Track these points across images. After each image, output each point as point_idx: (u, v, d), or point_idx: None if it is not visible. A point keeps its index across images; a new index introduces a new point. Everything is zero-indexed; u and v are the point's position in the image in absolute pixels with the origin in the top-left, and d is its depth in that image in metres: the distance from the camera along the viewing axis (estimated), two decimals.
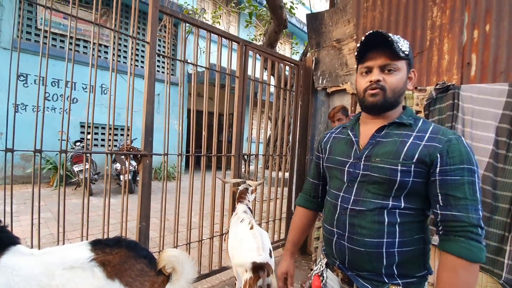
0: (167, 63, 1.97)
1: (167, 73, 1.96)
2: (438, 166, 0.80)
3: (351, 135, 0.97)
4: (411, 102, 2.41)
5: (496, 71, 2.07)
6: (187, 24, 2.15)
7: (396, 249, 0.83)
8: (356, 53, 0.93)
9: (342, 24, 2.92)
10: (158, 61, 7.71)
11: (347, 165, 0.93)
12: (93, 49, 6.85)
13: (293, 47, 8.24)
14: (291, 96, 3.16)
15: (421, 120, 0.91)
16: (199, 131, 2.20)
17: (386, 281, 0.85)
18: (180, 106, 2.05)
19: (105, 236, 1.71)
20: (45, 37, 6.27)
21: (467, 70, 2.20)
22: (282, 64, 2.91)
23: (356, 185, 0.90)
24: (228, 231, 2.02)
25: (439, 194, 0.80)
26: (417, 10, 2.44)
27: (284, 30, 4.78)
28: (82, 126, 6.86)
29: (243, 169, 2.60)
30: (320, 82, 3.05)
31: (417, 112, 2.30)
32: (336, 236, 0.92)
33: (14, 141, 1.35)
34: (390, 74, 0.88)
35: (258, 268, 1.43)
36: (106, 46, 7.01)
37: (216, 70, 2.31)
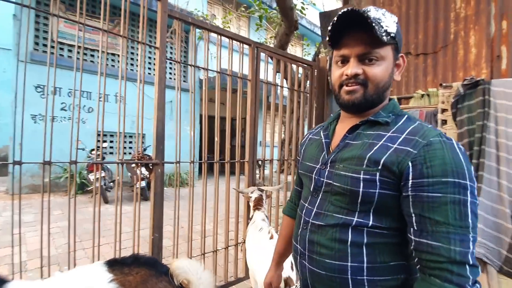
0: (178, 69, 1.92)
1: (178, 79, 1.91)
2: (411, 178, 0.61)
3: (323, 136, 0.82)
4: (436, 100, 2.26)
5: None
6: (197, 30, 2.10)
7: (365, 277, 0.66)
8: (327, 38, 0.71)
9: None
10: (170, 67, 7.79)
11: (314, 171, 0.79)
12: (107, 58, 7.00)
13: (304, 48, 8.13)
14: (305, 98, 3.06)
15: (404, 117, 0.72)
16: (212, 137, 2.13)
17: None
18: (191, 112, 1.99)
19: (119, 245, 1.66)
20: (61, 48, 6.45)
21: (497, 64, 2.03)
22: (295, 66, 2.81)
23: (320, 195, 0.75)
24: (244, 240, 1.93)
25: (413, 215, 0.62)
26: (439, 2, 2.29)
27: (295, 32, 4.69)
28: (99, 135, 6.98)
29: (257, 175, 2.51)
30: None
31: (444, 110, 2.15)
32: (298, 253, 0.78)
33: (22, 154, 1.31)
34: (371, 65, 0.69)
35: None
36: (119, 55, 7.14)
37: (228, 74, 2.25)
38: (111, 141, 6.95)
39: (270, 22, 5.54)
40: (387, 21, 0.68)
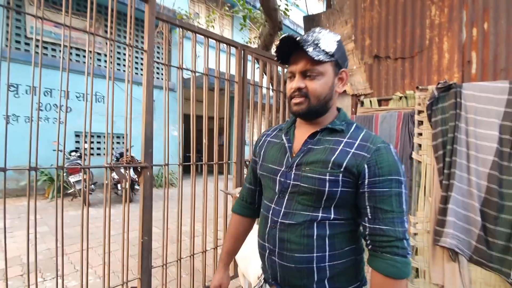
0: (166, 71, 1.92)
1: (165, 79, 1.91)
2: (367, 177, 0.76)
3: (285, 141, 0.91)
4: (413, 101, 2.39)
5: (497, 69, 2.06)
6: (180, 29, 2.10)
7: (327, 263, 0.80)
8: (276, 58, 0.86)
9: (339, 25, 2.90)
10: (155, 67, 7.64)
11: (279, 174, 0.87)
12: (90, 57, 6.77)
13: None
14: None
15: (354, 125, 0.87)
16: (198, 136, 2.14)
17: None
18: (178, 112, 2.00)
19: (106, 248, 1.65)
20: (36, 46, 6.16)
21: (468, 68, 2.18)
22: (280, 68, 2.87)
23: (287, 196, 0.84)
24: None
25: (368, 207, 0.77)
26: (416, 9, 2.43)
27: (278, 32, 4.75)
28: (77, 135, 6.74)
29: (245, 175, 2.55)
30: None
31: (420, 111, 2.29)
32: (267, 251, 0.87)
33: (6, 160, 1.28)
34: (312, 80, 0.81)
35: None
36: (98, 53, 6.91)
37: (215, 76, 2.27)
38: (92, 142, 6.74)
39: (254, 22, 5.57)
40: (327, 41, 0.79)
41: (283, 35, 0.79)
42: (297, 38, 0.77)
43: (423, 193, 2.22)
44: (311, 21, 3.11)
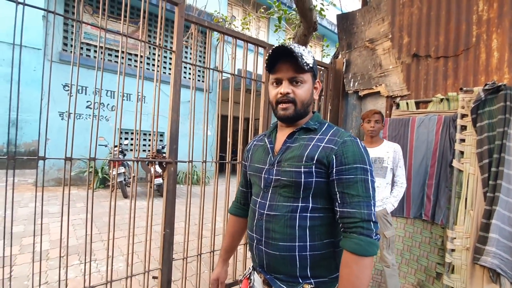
0: (193, 71, 1.98)
1: (193, 79, 1.97)
2: (335, 166, 0.85)
3: (267, 142, 1.03)
4: (456, 104, 2.18)
5: None
6: (215, 33, 2.15)
7: (308, 253, 0.88)
8: (265, 64, 0.95)
9: (375, 23, 2.75)
10: (188, 68, 7.96)
11: (263, 171, 0.98)
12: (130, 59, 7.22)
13: (324, 49, 8.03)
14: (320, 101, 3.04)
15: (326, 124, 0.98)
16: (226, 137, 2.18)
17: (300, 281, 0.90)
18: (205, 112, 2.05)
19: (131, 239, 1.75)
20: (87, 49, 6.77)
21: None
22: None
23: (270, 190, 0.95)
24: None
25: (337, 193, 0.85)
26: (461, 4, 2.22)
27: (314, 33, 4.65)
28: (121, 132, 7.26)
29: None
30: (351, 85, 2.90)
31: (464, 115, 2.08)
32: (255, 241, 0.97)
33: (46, 150, 1.41)
34: (298, 86, 0.92)
35: None
36: (141, 56, 7.38)
37: (242, 76, 2.29)
38: (132, 139, 7.21)
39: (289, 23, 5.52)
40: (306, 55, 0.90)
41: (275, 46, 0.90)
42: (289, 48, 0.87)
43: (463, 206, 2.01)
44: (344, 19, 2.99)
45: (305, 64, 0.89)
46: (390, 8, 2.65)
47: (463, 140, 2.08)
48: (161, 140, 7.69)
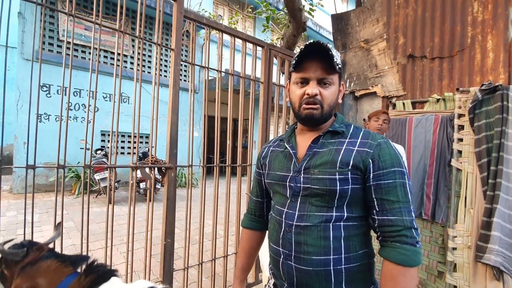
0: (192, 71, 1.89)
1: (191, 81, 1.88)
2: (372, 171, 0.80)
3: (288, 148, 0.93)
4: (452, 104, 2.22)
5: None
6: (201, 32, 2.06)
7: (343, 266, 0.81)
8: (293, 62, 0.87)
9: (370, 24, 2.76)
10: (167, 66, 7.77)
11: (288, 179, 0.89)
12: (118, 59, 6.95)
13: None
14: None
15: (352, 126, 0.92)
16: (214, 138, 2.09)
17: None
18: (190, 113, 1.96)
19: (129, 246, 1.63)
20: (67, 48, 6.44)
21: None
22: None
23: (299, 199, 0.87)
24: None
25: (375, 199, 0.80)
26: (456, 6, 2.26)
27: (302, 33, 4.64)
28: (103, 135, 6.96)
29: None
30: (347, 85, 2.90)
31: (461, 115, 2.11)
32: (282, 256, 0.87)
33: (35, 158, 1.28)
34: (326, 88, 0.86)
35: None
36: (125, 56, 7.11)
37: (240, 76, 2.22)
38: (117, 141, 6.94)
39: (276, 23, 5.49)
40: (337, 56, 0.84)
41: (310, 41, 0.83)
42: (325, 46, 0.81)
43: (463, 204, 2.04)
44: (339, 20, 2.99)
45: (336, 64, 0.83)
46: (385, 9, 2.66)
47: (460, 140, 2.12)
48: (141, 143, 7.45)
